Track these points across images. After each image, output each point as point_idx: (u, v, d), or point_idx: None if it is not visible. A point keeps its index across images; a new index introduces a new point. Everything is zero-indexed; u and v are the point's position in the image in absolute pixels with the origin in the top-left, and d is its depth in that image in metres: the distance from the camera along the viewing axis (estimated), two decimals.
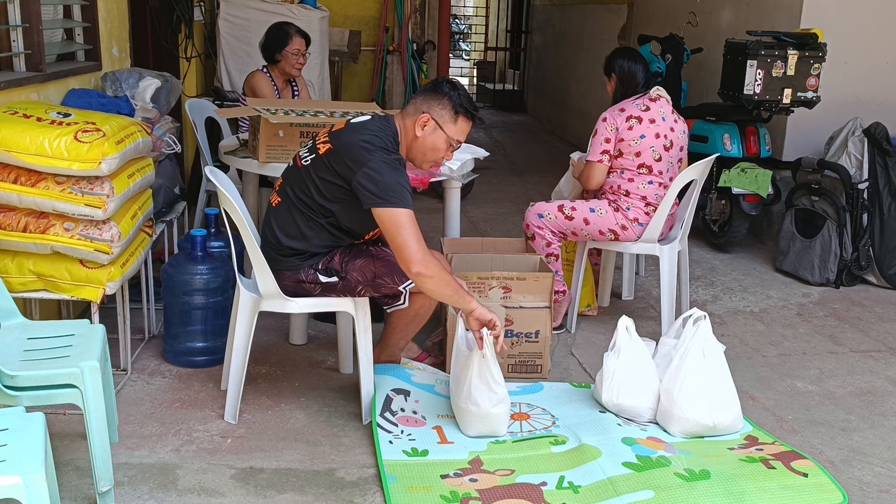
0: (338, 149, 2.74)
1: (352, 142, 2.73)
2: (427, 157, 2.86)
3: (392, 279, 2.90)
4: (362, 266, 2.90)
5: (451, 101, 2.80)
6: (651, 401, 3.04)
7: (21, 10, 3.34)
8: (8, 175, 2.80)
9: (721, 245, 5.38)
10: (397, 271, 2.85)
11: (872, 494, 2.69)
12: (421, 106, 2.82)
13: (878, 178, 4.70)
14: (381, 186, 2.66)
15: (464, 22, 18.75)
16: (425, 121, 2.79)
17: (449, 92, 2.81)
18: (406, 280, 2.86)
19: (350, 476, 2.69)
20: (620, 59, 3.88)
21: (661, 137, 3.72)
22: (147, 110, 3.71)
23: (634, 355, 3.04)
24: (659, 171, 3.73)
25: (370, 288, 2.92)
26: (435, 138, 2.81)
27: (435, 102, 2.80)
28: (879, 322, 4.27)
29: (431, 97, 2.82)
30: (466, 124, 2.84)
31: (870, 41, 5.43)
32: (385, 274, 2.89)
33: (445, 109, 2.80)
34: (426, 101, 2.82)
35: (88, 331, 2.62)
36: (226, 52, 6.18)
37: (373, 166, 2.67)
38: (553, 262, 3.80)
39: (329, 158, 2.76)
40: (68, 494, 2.51)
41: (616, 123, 3.75)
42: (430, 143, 2.81)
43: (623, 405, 3.05)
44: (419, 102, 2.84)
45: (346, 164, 2.71)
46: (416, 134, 2.81)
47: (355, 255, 2.92)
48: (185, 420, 3.00)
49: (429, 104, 2.81)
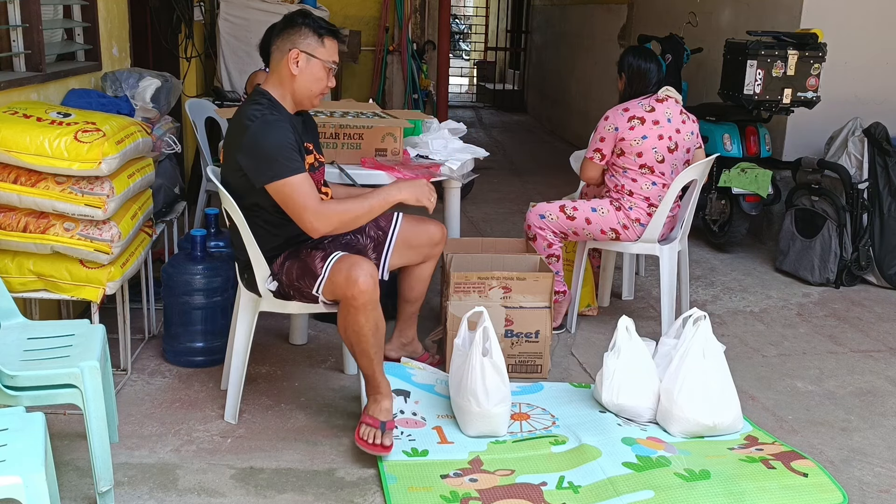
0: (225, 143, 2.77)
1: (230, 130, 2.73)
2: (313, 89, 2.79)
3: (304, 282, 2.74)
4: (288, 267, 2.80)
5: (309, 28, 2.75)
6: (651, 401, 3.04)
7: (21, 10, 3.34)
8: (8, 175, 2.80)
9: (721, 245, 5.38)
10: (310, 274, 2.73)
11: (872, 494, 2.69)
12: (284, 45, 2.74)
13: (878, 178, 4.70)
14: (259, 160, 2.63)
15: (464, 22, 18.76)
16: (295, 56, 2.72)
17: (304, 20, 2.76)
18: (315, 283, 2.71)
19: (350, 476, 2.69)
20: (631, 58, 3.85)
21: (664, 139, 3.71)
22: (147, 110, 3.71)
23: (634, 355, 3.04)
24: (661, 173, 3.72)
25: (297, 293, 2.78)
26: (312, 69, 2.75)
27: (295, 36, 2.74)
28: (879, 322, 4.27)
29: (289, 33, 2.75)
30: (334, 44, 2.79)
31: (870, 41, 5.44)
32: (300, 276, 2.75)
33: (309, 37, 2.74)
34: (287, 39, 2.74)
35: (88, 331, 2.62)
36: (226, 52, 6.18)
37: (246, 141, 2.64)
38: (554, 262, 3.80)
39: (224, 152, 2.79)
40: (68, 494, 2.51)
41: (616, 123, 3.75)
42: (309, 76, 2.75)
43: (623, 405, 3.05)
44: (280, 43, 2.75)
45: (231, 151, 2.71)
46: (292, 73, 2.74)
47: (290, 257, 2.82)
48: (185, 420, 3.00)
49: (291, 40, 2.74)
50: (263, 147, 2.62)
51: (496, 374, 2.84)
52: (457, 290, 3.36)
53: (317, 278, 2.69)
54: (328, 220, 2.67)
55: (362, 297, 2.60)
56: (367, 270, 2.62)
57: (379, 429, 2.74)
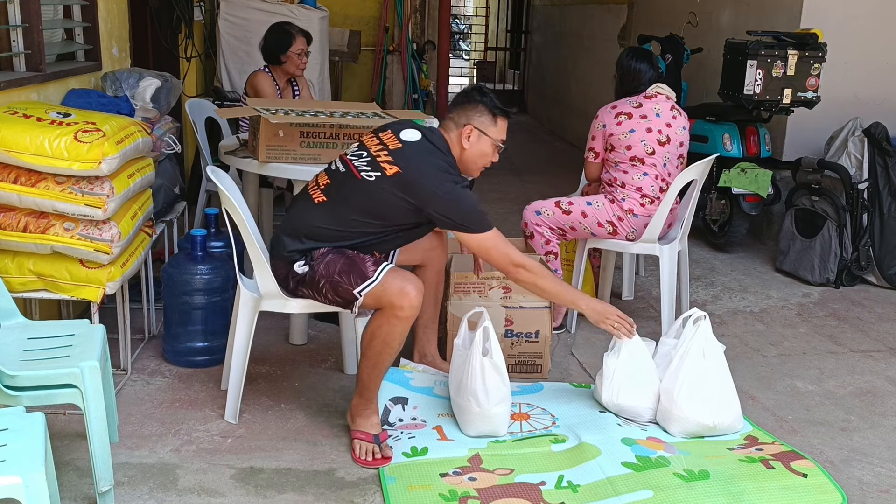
0: (407, 173, 2.76)
1: (423, 168, 2.79)
2: (478, 164, 2.95)
3: (349, 279, 2.72)
4: (331, 260, 2.77)
5: (485, 106, 2.90)
6: (651, 401, 3.04)
7: (21, 10, 3.33)
8: (8, 175, 2.80)
9: (721, 245, 5.38)
10: (358, 273, 2.72)
11: (872, 494, 2.70)
12: (460, 119, 2.90)
13: (878, 178, 4.70)
14: (460, 216, 2.78)
15: (464, 22, 18.77)
16: (469, 132, 2.88)
17: (481, 98, 2.91)
18: (363, 284, 2.70)
19: (350, 476, 2.69)
20: (625, 58, 3.93)
21: (653, 132, 3.73)
22: (147, 110, 3.71)
23: (634, 355, 3.04)
24: (653, 164, 3.74)
25: (329, 285, 2.76)
26: (481, 145, 2.90)
27: (472, 112, 2.90)
28: (879, 322, 4.27)
29: (466, 108, 2.91)
30: (504, 123, 2.95)
31: (870, 41, 5.44)
32: (344, 272, 2.73)
33: (484, 115, 2.89)
34: (464, 113, 2.90)
35: (88, 331, 2.62)
36: (226, 52, 6.18)
37: (447, 196, 2.76)
38: (552, 260, 3.80)
39: (399, 182, 2.75)
40: (68, 494, 2.51)
41: (604, 120, 3.82)
42: (477, 151, 2.91)
43: (623, 405, 3.05)
44: (457, 116, 2.91)
45: (416, 191, 2.75)
46: (462, 146, 2.89)
47: (334, 252, 2.81)
48: (185, 420, 3.00)
49: (467, 115, 2.89)
50: (465, 203, 2.79)
51: (496, 374, 2.84)
52: (457, 290, 3.36)
53: (366, 280, 2.71)
54: (526, 261, 2.88)
55: (410, 310, 2.69)
56: (419, 287, 2.72)
57: (374, 442, 2.80)
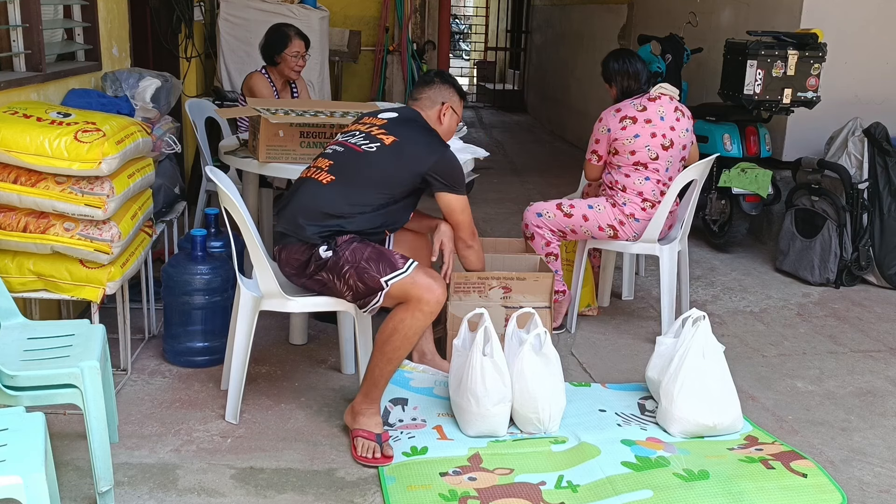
0: (404, 139, 3.00)
1: (418, 136, 3.04)
2: (447, 138, 3.20)
3: (378, 267, 2.79)
4: (356, 248, 2.83)
5: (454, 88, 3.22)
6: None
7: (21, 10, 3.33)
8: (8, 175, 2.80)
9: (721, 245, 5.38)
10: (387, 262, 2.80)
11: (872, 494, 2.70)
12: (437, 97, 3.17)
13: (878, 178, 4.70)
14: (452, 177, 3.04)
15: (464, 22, 18.75)
16: (445, 109, 3.16)
17: (451, 81, 3.25)
18: (391, 274, 2.78)
19: (350, 476, 2.69)
20: (614, 63, 3.88)
21: (657, 136, 3.72)
22: (147, 110, 3.71)
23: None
24: (655, 169, 3.73)
25: (355, 273, 2.80)
26: (451, 122, 3.20)
27: (446, 93, 3.19)
28: (879, 322, 4.27)
29: (441, 88, 3.18)
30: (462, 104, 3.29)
31: (870, 41, 5.43)
32: (372, 260, 2.80)
33: (454, 96, 3.20)
34: (440, 93, 3.17)
35: (88, 331, 2.62)
36: (226, 52, 6.18)
37: (445, 159, 3.02)
38: (552, 261, 3.80)
39: (398, 149, 2.96)
40: (68, 494, 2.51)
41: (609, 124, 3.79)
42: (447, 128, 3.19)
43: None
44: (434, 94, 3.17)
45: (416, 155, 2.97)
46: (440, 122, 3.16)
47: (357, 241, 2.87)
48: (185, 420, 3.00)
49: (443, 95, 3.17)
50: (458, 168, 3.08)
51: (496, 374, 2.84)
52: (457, 290, 3.36)
53: (395, 270, 2.80)
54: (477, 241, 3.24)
55: (436, 306, 2.80)
56: (444, 286, 2.86)
57: (376, 441, 2.81)
